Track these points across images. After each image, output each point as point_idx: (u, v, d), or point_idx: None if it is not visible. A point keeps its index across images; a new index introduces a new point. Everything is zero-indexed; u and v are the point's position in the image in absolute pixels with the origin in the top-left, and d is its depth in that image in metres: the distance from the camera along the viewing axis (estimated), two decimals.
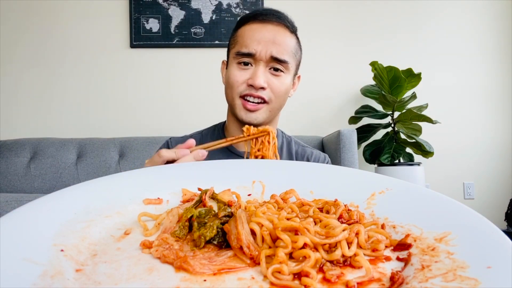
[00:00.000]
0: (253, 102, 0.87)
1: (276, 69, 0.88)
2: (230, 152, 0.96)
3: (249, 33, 0.88)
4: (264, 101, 0.88)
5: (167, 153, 0.68)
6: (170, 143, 1.01)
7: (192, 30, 2.74)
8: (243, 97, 0.88)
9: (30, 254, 0.33)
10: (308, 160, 1.01)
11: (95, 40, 2.73)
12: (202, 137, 1.02)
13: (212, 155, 0.97)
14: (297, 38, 0.94)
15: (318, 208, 0.47)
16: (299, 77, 1.00)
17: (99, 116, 2.71)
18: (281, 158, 0.99)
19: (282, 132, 1.05)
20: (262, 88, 0.86)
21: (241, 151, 0.96)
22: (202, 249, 0.38)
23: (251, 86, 0.86)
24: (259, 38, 0.86)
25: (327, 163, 1.04)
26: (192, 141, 0.73)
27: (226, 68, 0.94)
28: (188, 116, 2.70)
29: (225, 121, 1.03)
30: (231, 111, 0.93)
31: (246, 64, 0.87)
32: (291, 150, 1.02)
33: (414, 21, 2.82)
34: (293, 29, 0.92)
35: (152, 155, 1.03)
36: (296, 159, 1.01)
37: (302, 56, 0.97)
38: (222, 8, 2.75)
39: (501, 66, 2.83)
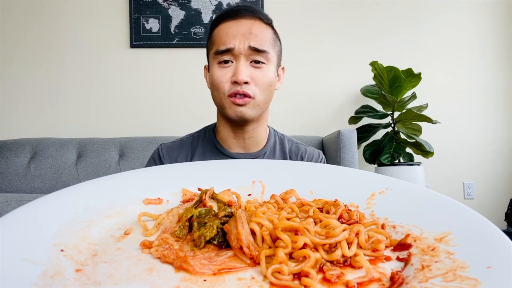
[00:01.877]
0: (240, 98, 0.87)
1: (257, 61, 0.87)
2: (221, 154, 0.95)
3: (223, 31, 0.87)
4: (249, 96, 0.86)
5: None
6: (161, 150, 0.99)
7: (192, 30, 2.74)
8: (230, 96, 0.86)
9: (30, 254, 0.33)
10: (302, 157, 1.00)
11: (95, 40, 2.73)
12: (194, 140, 1.00)
13: (203, 157, 0.96)
14: (274, 29, 0.93)
15: (318, 208, 0.47)
16: (283, 68, 0.99)
17: (99, 116, 2.70)
18: (274, 157, 0.98)
19: (274, 130, 1.04)
20: (246, 83, 0.85)
21: (233, 152, 0.95)
22: (202, 249, 0.38)
23: (235, 83, 0.85)
24: (235, 33, 0.86)
25: (321, 160, 1.03)
26: None
27: (209, 72, 0.93)
28: (188, 116, 2.69)
29: (215, 123, 1.02)
30: (221, 113, 0.92)
31: (226, 62, 0.86)
32: (284, 149, 1.01)
33: (414, 21, 2.82)
34: (268, 21, 0.91)
35: (147, 163, 1.02)
36: (290, 157, 1.00)
37: (282, 47, 0.96)
38: (222, 8, 2.75)
39: (501, 66, 2.83)
